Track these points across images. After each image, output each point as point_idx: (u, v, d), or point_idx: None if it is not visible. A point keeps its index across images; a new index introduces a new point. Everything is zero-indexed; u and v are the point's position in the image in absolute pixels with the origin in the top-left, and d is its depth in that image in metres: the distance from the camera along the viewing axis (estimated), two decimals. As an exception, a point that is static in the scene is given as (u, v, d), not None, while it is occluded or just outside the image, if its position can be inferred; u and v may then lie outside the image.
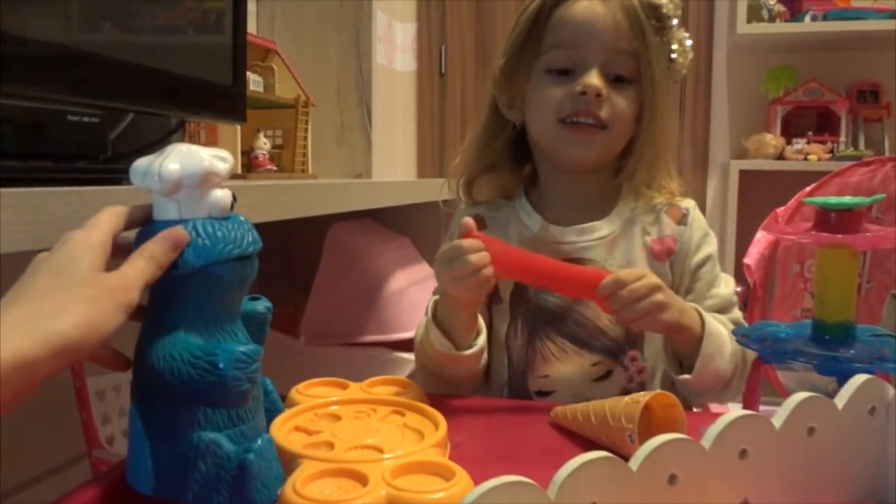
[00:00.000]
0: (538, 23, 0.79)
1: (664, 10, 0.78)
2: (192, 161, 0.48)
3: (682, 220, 0.83)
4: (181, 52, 0.93)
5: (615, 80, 0.78)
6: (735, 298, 0.84)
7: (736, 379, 0.77)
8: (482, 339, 0.77)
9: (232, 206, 0.50)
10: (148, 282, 0.45)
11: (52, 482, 1.05)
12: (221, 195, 0.49)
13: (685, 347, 0.74)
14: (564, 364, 0.79)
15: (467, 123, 2.67)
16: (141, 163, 0.48)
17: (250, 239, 0.50)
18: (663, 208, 0.83)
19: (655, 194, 0.83)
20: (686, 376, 0.73)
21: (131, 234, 0.49)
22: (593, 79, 0.76)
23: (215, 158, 0.49)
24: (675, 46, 0.80)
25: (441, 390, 0.80)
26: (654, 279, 0.70)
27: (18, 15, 0.64)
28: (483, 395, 0.84)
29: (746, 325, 0.81)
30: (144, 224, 0.50)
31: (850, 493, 0.43)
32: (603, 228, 0.82)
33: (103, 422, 1.00)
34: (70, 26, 0.72)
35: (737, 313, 0.83)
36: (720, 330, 0.75)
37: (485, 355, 0.79)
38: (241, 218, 0.51)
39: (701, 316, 0.74)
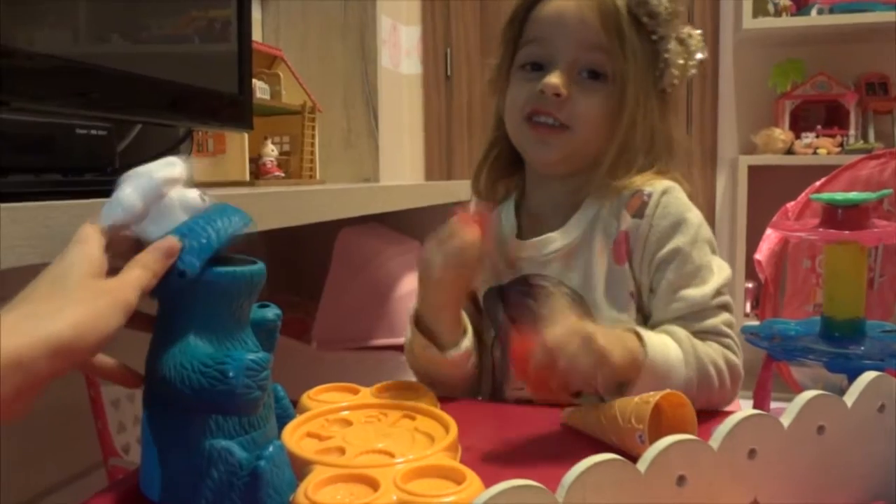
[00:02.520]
0: (515, 22, 0.79)
1: (652, 7, 0.74)
2: (144, 179, 0.49)
3: (640, 210, 0.74)
4: (187, 61, 0.93)
5: (590, 77, 0.75)
6: (722, 300, 0.73)
7: (699, 403, 0.63)
8: (467, 341, 0.75)
9: (203, 199, 0.51)
10: (145, 288, 0.46)
11: (68, 491, 1.06)
12: (186, 193, 0.50)
13: (621, 379, 0.67)
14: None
15: (474, 125, 2.67)
16: (102, 208, 0.49)
17: (237, 218, 0.51)
18: (626, 200, 0.75)
19: (625, 184, 0.75)
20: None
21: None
22: (553, 78, 0.74)
23: (164, 166, 0.50)
24: (671, 46, 0.76)
25: (438, 394, 0.79)
26: (576, 339, 0.60)
27: (25, 29, 0.65)
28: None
29: (735, 334, 0.71)
30: (131, 251, 0.50)
31: (860, 492, 0.43)
32: (557, 240, 0.77)
33: (118, 430, 1.00)
34: (77, 39, 0.73)
35: (720, 318, 0.72)
36: (667, 359, 0.67)
37: (473, 357, 0.77)
38: (221, 204, 0.52)
39: (634, 351, 0.65)
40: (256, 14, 1.84)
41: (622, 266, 0.74)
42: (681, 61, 0.77)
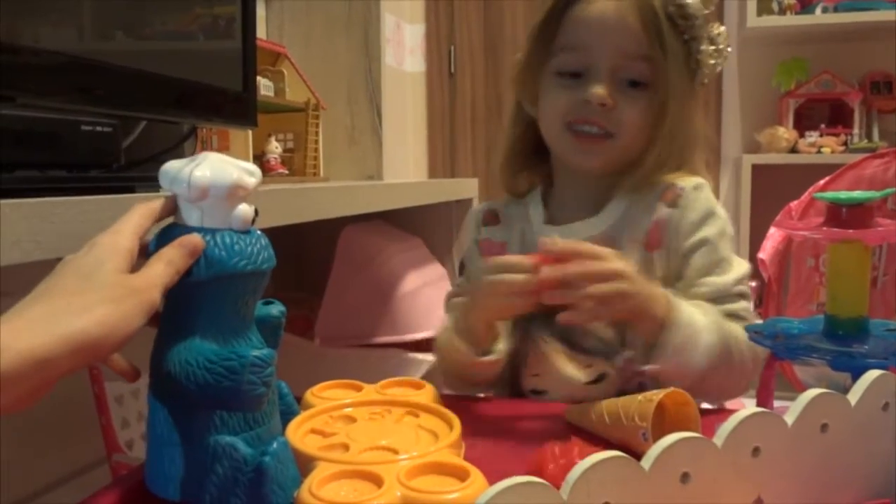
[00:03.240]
0: (551, 22, 0.77)
1: (690, 10, 0.74)
2: (222, 173, 0.48)
3: (675, 201, 0.76)
4: (192, 59, 0.93)
5: (630, 85, 0.75)
6: (741, 288, 0.76)
7: (719, 376, 0.69)
8: (501, 346, 0.75)
9: (253, 221, 0.51)
10: (167, 285, 0.46)
11: (72, 486, 1.07)
12: (245, 209, 0.50)
13: (649, 337, 0.69)
14: (555, 364, 0.77)
15: (477, 123, 2.67)
16: (171, 166, 0.49)
17: (265, 256, 0.50)
18: (660, 192, 0.77)
19: (657, 179, 0.77)
20: (651, 367, 0.69)
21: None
22: (599, 88, 0.73)
23: (244, 172, 0.49)
24: (703, 47, 0.76)
25: (464, 391, 0.80)
26: (616, 264, 0.65)
27: (31, 26, 0.65)
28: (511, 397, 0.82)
29: (752, 320, 0.74)
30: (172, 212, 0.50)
31: (864, 490, 0.43)
32: (587, 229, 0.78)
33: (122, 426, 1.01)
34: (82, 35, 0.73)
35: (739, 305, 0.75)
36: (694, 321, 0.68)
37: (504, 359, 0.77)
38: (259, 233, 0.51)
39: (671, 304, 0.68)
40: (261, 11, 1.84)
41: (652, 253, 0.76)
42: (712, 61, 0.77)
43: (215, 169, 0.48)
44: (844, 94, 2.25)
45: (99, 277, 0.43)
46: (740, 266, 0.77)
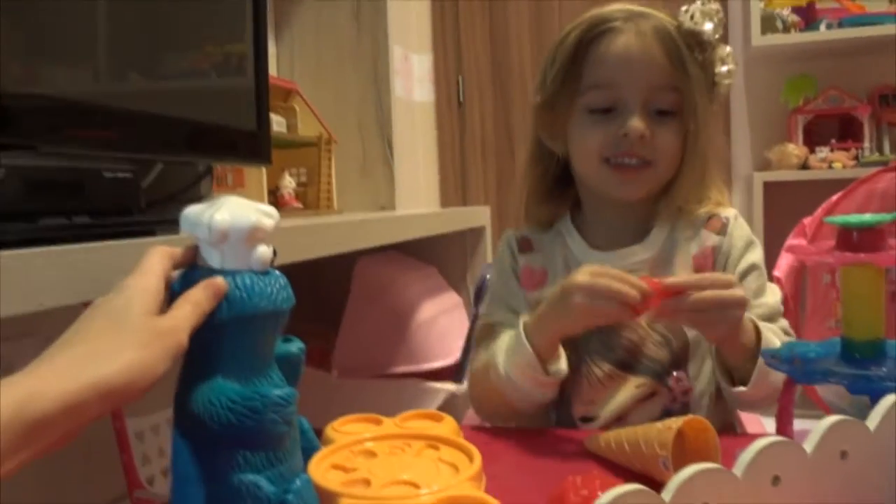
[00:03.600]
0: (576, 60, 0.79)
1: (705, 37, 0.76)
2: (242, 216, 0.49)
3: (722, 229, 0.82)
4: (206, 99, 0.95)
5: (658, 114, 0.77)
6: (781, 308, 0.82)
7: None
8: (564, 364, 0.75)
9: (272, 262, 0.52)
10: (194, 327, 0.47)
11: (95, 524, 1.07)
12: (264, 251, 0.51)
13: (737, 360, 0.72)
14: (609, 389, 0.78)
15: (488, 150, 2.69)
16: (192, 211, 0.50)
17: (284, 296, 0.51)
18: (703, 220, 0.82)
19: (695, 207, 0.82)
20: (741, 389, 0.71)
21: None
22: (636, 122, 0.75)
23: (263, 215, 0.50)
24: (717, 69, 0.78)
25: (503, 421, 0.80)
26: (741, 293, 0.68)
27: (48, 74, 0.67)
28: (530, 422, 0.83)
29: (793, 334, 0.80)
30: (188, 266, 0.51)
31: (886, 517, 0.43)
32: (640, 253, 0.81)
33: (143, 462, 1.01)
34: (97, 81, 0.75)
35: (784, 322, 0.81)
36: (774, 342, 0.73)
37: None
38: (278, 273, 0.53)
39: (756, 328, 0.72)
40: (271, 48, 1.87)
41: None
42: (726, 81, 0.80)
43: (234, 212, 0.49)
44: (853, 109, 2.25)
45: (128, 321, 0.44)
46: (775, 288, 0.83)
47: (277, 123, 1.50)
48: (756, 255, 0.82)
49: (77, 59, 0.71)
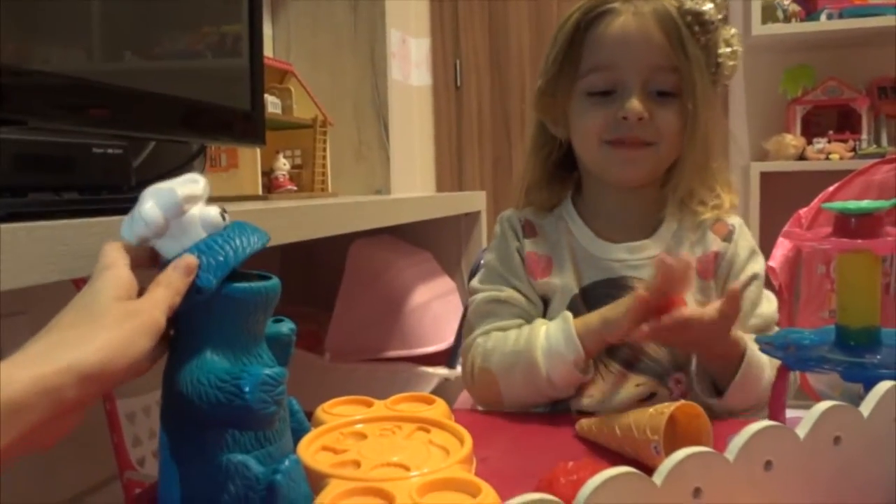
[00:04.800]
0: (574, 43, 0.78)
1: (707, 17, 0.75)
2: (166, 194, 0.49)
3: (728, 236, 0.82)
4: (200, 78, 0.94)
5: (659, 95, 0.77)
6: (776, 316, 0.83)
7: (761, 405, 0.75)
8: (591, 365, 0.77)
9: (224, 217, 0.51)
10: (170, 307, 0.47)
11: (86, 504, 1.07)
12: (206, 211, 0.51)
13: (719, 372, 0.73)
14: (609, 385, 0.78)
15: (484, 135, 2.67)
16: (123, 221, 0.50)
17: (255, 238, 0.51)
18: (709, 224, 0.82)
19: (701, 209, 0.82)
20: (713, 401, 0.73)
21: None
22: (634, 104, 0.75)
23: (186, 182, 0.50)
24: (721, 50, 0.78)
25: (499, 407, 0.80)
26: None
27: (40, 49, 0.66)
28: (526, 411, 0.83)
29: None
30: (152, 261, 0.51)
31: (878, 502, 0.43)
32: (651, 248, 0.80)
33: (134, 444, 1.01)
34: (91, 57, 0.74)
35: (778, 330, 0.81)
36: (760, 359, 0.73)
37: None
38: (239, 221, 0.52)
39: (744, 345, 0.73)
40: (267, 30, 1.86)
41: (707, 281, 0.81)
42: (731, 62, 0.79)
43: (158, 196, 0.49)
44: (852, 100, 2.24)
45: (97, 307, 0.44)
46: (771, 297, 0.84)
47: (272, 104, 1.48)
48: (759, 265, 0.83)
49: (71, 36, 0.71)
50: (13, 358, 0.39)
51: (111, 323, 0.43)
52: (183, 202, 0.49)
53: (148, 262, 0.51)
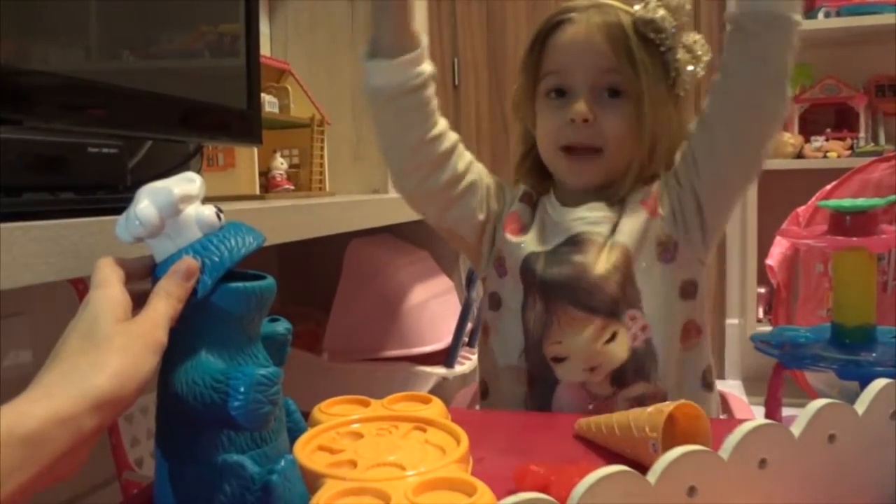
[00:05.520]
0: (535, 50, 0.85)
1: (658, 24, 0.80)
2: (161, 193, 0.49)
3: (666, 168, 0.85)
4: (196, 77, 0.94)
5: (611, 96, 0.81)
6: None
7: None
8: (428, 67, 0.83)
9: (219, 217, 0.51)
10: (171, 318, 0.47)
11: (83, 505, 1.07)
12: (202, 210, 0.51)
13: None
14: (575, 329, 0.81)
15: (482, 134, 2.67)
16: (118, 221, 0.50)
17: (251, 238, 0.51)
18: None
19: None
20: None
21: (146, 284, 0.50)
22: (579, 106, 0.80)
23: (182, 181, 0.50)
24: (679, 56, 0.81)
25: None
26: None
27: (37, 48, 0.66)
28: (501, 363, 0.85)
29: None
30: (148, 273, 0.51)
31: (873, 500, 0.43)
32: (606, 209, 0.84)
33: (132, 444, 1.01)
34: (87, 57, 0.74)
35: None
36: None
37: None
38: (231, 221, 0.52)
39: None
40: (265, 28, 1.85)
41: (656, 218, 0.82)
42: (690, 67, 0.82)
43: (153, 195, 0.49)
44: (849, 98, 2.24)
45: (100, 332, 0.44)
46: None
47: (269, 104, 1.48)
48: None
49: (67, 35, 0.70)
50: (28, 392, 0.40)
51: (118, 347, 0.43)
52: (179, 201, 0.49)
53: (142, 275, 0.51)
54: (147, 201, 0.48)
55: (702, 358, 0.84)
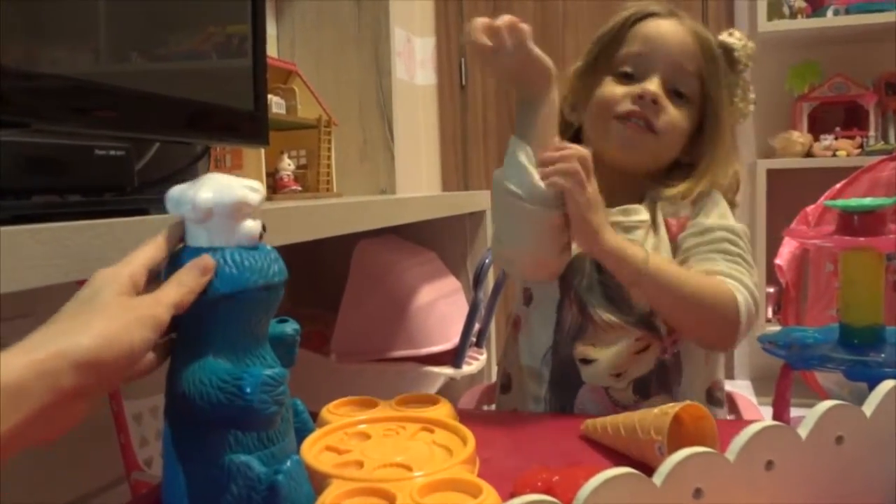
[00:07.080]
0: (616, 38, 0.85)
1: (736, 54, 0.83)
2: (225, 192, 0.49)
3: (699, 199, 0.84)
4: (203, 79, 0.95)
5: (675, 95, 0.82)
6: (740, 226, 0.81)
7: (714, 328, 0.75)
8: None
9: (261, 236, 0.51)
10: (179, 305, 0.47)
11: (93, 505, 1.08)
12: (251, 225, 0.50)
13: (624, 279, 0.75)
14: (610, 335, 0.81)
15: (489, 135, 2.67)
16: (175, 191, 0.50)
17: (276, 269, 0.51)
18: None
19: (678, 190, 0.84)
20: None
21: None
22: (652, 85, 0.80)
23: (248, 189, 0.50)
24: (739, 90, 0.85)
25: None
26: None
27: (44, 51, 0.66)
28: (525, 362, 0.85)
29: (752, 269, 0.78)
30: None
31: (881, 502, 0.42)
32: (643, 212, 0.84)
33: (141, 444, 1.02)
34: (94, 60, 0.74)
35: (741, 247, 0.80)
36: (676, 274, 0.74)
37: None
38: (269, 248, 0.52)
39: (647, 255, 0.74)
40: (271, 30, 1.86)
41: (675, 242, 0.83)
42: (742, 105, 0.86)
43: (218, 189, 0.49)
44: (859, 97, 2.23)
45: (97, 300, 0.44)
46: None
47: (277, 105, 1.48)
48: (728, 220, 0.82)
49: (73, 37, 0.71)
50: (12, 347, 0.40)
51: (108, 314, 0.43)
52: (237, 205, 0.49)
53: (176, 242, 0.51)
54: (210, 194, 0.48)
55: (711, 372, 0.84)
